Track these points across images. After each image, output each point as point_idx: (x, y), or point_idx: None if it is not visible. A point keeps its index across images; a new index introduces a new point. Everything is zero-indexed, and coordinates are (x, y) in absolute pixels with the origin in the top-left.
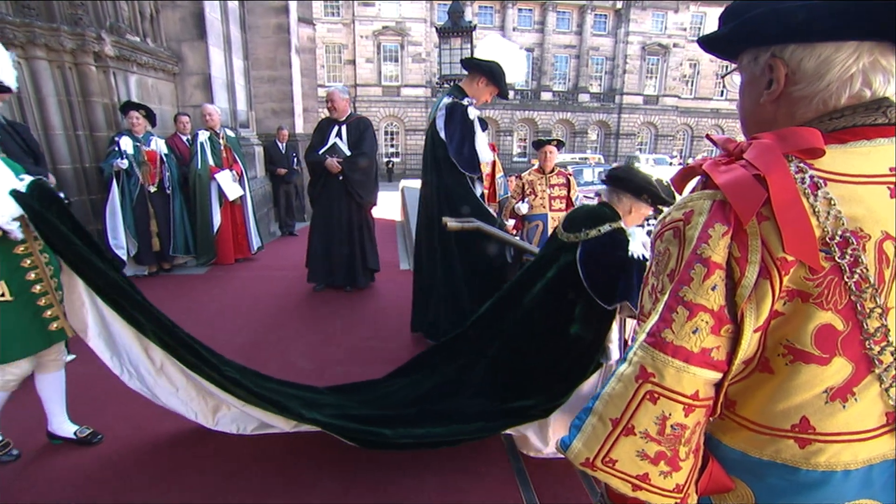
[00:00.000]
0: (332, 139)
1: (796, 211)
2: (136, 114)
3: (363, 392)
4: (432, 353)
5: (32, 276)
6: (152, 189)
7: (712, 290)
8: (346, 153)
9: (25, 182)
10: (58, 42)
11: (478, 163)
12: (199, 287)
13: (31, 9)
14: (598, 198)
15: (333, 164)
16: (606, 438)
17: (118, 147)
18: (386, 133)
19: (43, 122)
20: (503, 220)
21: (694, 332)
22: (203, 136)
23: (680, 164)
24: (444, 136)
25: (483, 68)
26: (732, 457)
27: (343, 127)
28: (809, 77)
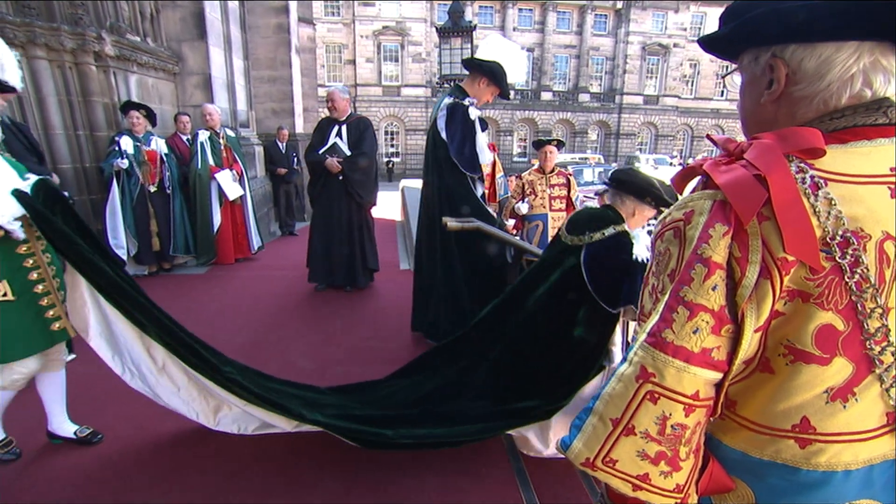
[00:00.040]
0: (333, 139)
1: (797, 211)
2: (136, 113)
3: (365, 392)
4: (434, 355)
5: (35, 275)
6: (152, 189)
7: (713, 290)
8: (347, 153)
9: (31, 181)
10: (58, 42)
11: (479, 163)
12: (199, 287)
13: (31, 8)
14: (598, 198)
15: (333, 163)
16: (607, 438)
17: (118, 147)
18: (386, 133)
19: (43, 121)
20: (503, 220)
21: (694, 332)
22: (203, 135)
23: (680, 165)
24: (445, 136)
25: (484, 69)
26: (733, 457)
27: (343, 127)
28: (810, 77)
